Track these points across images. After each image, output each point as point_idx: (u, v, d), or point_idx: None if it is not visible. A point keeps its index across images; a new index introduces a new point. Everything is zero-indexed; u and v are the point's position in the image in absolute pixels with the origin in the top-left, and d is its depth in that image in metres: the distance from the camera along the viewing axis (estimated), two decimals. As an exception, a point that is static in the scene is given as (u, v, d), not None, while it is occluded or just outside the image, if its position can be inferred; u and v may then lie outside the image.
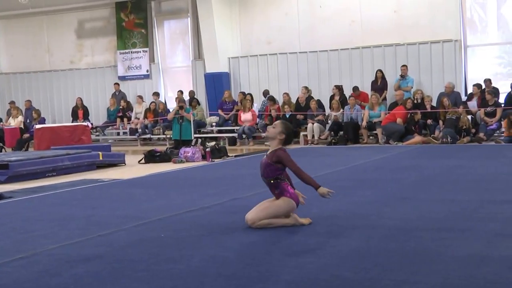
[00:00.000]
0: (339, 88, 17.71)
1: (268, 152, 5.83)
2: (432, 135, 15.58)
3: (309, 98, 17.78)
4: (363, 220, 5.95)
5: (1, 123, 20.15)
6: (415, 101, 16.23)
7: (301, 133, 17.40)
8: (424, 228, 5.48)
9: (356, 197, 7.42)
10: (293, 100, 18.10)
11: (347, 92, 17.82)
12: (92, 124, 19.81)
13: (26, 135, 18.24)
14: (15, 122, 19.64)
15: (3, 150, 17.60)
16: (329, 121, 17.05)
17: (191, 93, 19.83)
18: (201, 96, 20.15)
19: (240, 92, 19.13)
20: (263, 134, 17.68)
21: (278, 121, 5.96)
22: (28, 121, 20.08)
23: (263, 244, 5.13)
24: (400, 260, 4.42)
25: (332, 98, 17.63)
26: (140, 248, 5.15)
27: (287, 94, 18.02)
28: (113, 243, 5.42)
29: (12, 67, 23.47)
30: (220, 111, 18.95)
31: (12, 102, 21.08)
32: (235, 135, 18.19)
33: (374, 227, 5.58)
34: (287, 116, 17.44)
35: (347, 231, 5.50)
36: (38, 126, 17.04)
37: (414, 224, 5.66)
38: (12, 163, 11.27)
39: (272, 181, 5.77)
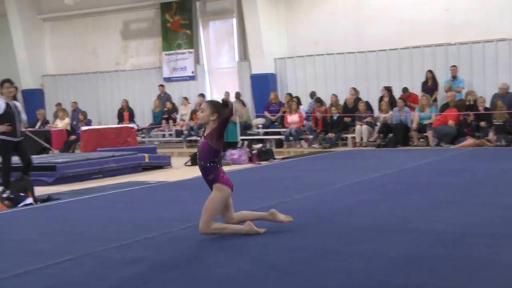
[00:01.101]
0: (388, 89, 17.34)
1: (204, 135, 5.65)
2: (486, 138, 15.05)
3: (357, 99, 17.46)
4: (413, 225, 5.85)
5: (48, 125, 20.27)
6: (468, 103, 15.76)
7: (349, 136, 17.12)
8: (476, 233, 5.33)
9: (406, 201, 7.28)
10: (341, 102, 17.75)
11: (396, 93, 17.43)
12: (137, 126, 19.84)
13: (72, 137, 18.30)
14: (62, 124, 19.74)
15: (50, 151, 17.67)
16: (378, 123, 16.74)
17: (237, 95, 19.64)
18: (247, 98, 19.93)
19: (287, 94, 18.88)
20: (310, 136, 17.44)
21: (204, 103, 5.78)
22: (74, 123, 20.16)
23: (309, 250, 5.04)
24: (452, 267, 4.31)
25: (381, 99, 17.25)
26: (186, 251, 5.17)
27: (335, 95, 17.68)
28: (160, 246, 5.45)
29: (59, 69, 23.63)
30: (266, 113, 18.72)
31: (58, 104, 21.21)
32: (282, 137, 17.95)
33: (424, 232, 5.47)
34: (335, 118, 17.14)
35: (396, 236, 5.39)
36: (84, 128, 17.10)
37: (465, 230, 5.51)
38: (59, 165, 11.44)
39: (208, 165, 5.57)
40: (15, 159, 9.80)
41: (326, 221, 6.28)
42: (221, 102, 5.77)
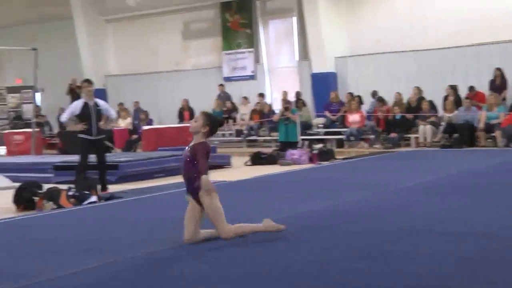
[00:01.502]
0: (454, 88, 16.88)
1: (190, 145, 5.56)
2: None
3: (421, 98, 17.07)
4: (474, 229, 5.68)
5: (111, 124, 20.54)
6: (539, 101, 15.23)
7: (412, 136, 16.76)
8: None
9: (466, 203, 7.12)
10: (403, 101, 17.40)
11: (462, 92, 16.94)
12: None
13: (134, 136, 18.48)
14: (124, 123, 19.97)
15: (112, 151, 17.88)
16: (443, 123, 16.32)
17: (298, 94, 19.47)
18: (307, 97, 19.74)
19: (348, 93, 18.62)
20: (371, 136, 17.17)
21: (199, 114, 5.67)
22: (136, 122, 20.36)
23: (367, 250, 4.98)
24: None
25: (445, 98, 16.80)
26: (246, 252, 5.15)
27: (399, 93, 17.33)
28: (217, 244, 5.44)
29: (121, 69, 23.96)
30: (326, 113, 18.50)
31: (121, 104, 21.45)
32: (343, 137, 17.72)
33: (489, 237, 5.26)
34: (397, 117, 16.79)
35: (454, 239, 5.26)
36: (145, 127, 17.24)
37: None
38: (122, 164, 11.57)
39: (195, 175, 5.47)
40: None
41: (385, 221, 6.21)
42: (218, 118, 5.81)
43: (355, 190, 8.55)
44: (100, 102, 10.37)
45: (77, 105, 10.14)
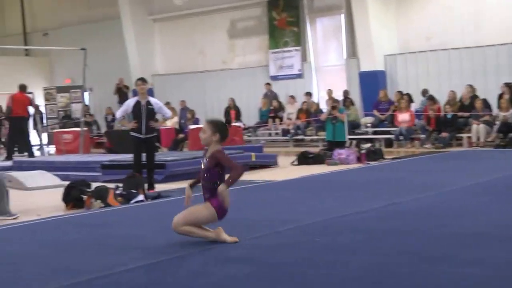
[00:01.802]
0: (509, 86, 16.38)
1: (207, 155, 5.53)
2: None
3: (474, 97, 16.64)
4: None
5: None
6: None
7: (465, 135, 16.38)
8: None
9: None
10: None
11: (518, 89, 16.44)
12: (244, 124, 19.84)
13: (181, 135, 18.51)
14: (171, 122, 19.99)
15: (159, 150, 17.93)
16: (497, 122, 15.87)
17: (345, 93, 19.20)
18: (355, 96, 19.47)
19: (397, 91, 18.29)
20: (422, 136, 16.83)
21: (205, 124, 5.61)
22: (182, 121, 20.40)
23: (420, 253, 4.89)
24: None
25: (500, 97, 16.32)
26: (294, 252, 5.13)
27: (453, 91, 16.93)
28: (267, 245, 5.47)
29: (167, 68, 24.06)
30: (375, 112, 18.22)
31: (167, 103, 21.48)
32: (392, 136, 17.47)
33: None
34: (449, 116, 16.42)
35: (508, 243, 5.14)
36: (192, 126, 17.25)
37: None
38: (168, 163, 11.56)
39: (214, 185, 5.45)
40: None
41: (437, 224, 6.04)
42: (223, 121, 5.71)
43: (407, 190, 8.37)
44: (153, 101, 10.44)
45: (130, 103, 10.29)
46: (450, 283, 4.06)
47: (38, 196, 10.38)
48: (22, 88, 16.30)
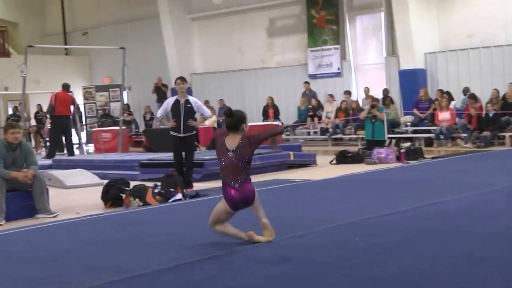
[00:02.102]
0: (553, 84, 16.00)
1: (235, 146, 5.43)
2: None
3: (517, 95, 16.28)
4: None
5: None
6: None
7: (507, 134, 16.05)
8: None
9: None
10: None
11: None
12: (282, 123, 19.78)
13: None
14: (209, 121, 20.00)
15: (198, 149, 17.96)
16: (541, 121, 15.48)
17: (385, 91, 18.97)
18: (395, 94, 19.24)
19: (438, 90, 18.02)
20: (463, 135, 16.54)
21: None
22: (221, 120, 20.40)
23: (462, 253, 4.84)
24: None
25: (545, 95, 15.95)
26: (333, 251, 5.14)
27: (496, 90, 16.58)
28: (306, 245, 5.45)
29: (206, 67, 24.10)
30: (415, 110, 17.97)
31: (206, 102, 21.55)
32: (432, 135, 17.23)
33: None
34: (491, 115, 16.10)
35: None
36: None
37: None
38: (207, 161, 11.51)
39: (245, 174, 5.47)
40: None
41: (478, 224, 5.95)
42: (238, 112, 5.65)
43: (447, 190, 8.24)
44: (192, 99, 10.49)
45: (169, 102, 10.36)
46: (494, 285, 3.97)
47: (77, 195, 10.48)
48: (66, 87, 16.47)
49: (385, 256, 4.86)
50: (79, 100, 22.80)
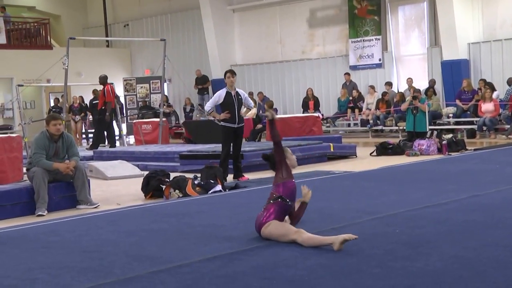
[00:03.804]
0: None
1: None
2: None
3: None
4: None
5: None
6: None
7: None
8: None
9: None
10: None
11: None
12: (322, 115, 19.71)
13: (259, 126, 18.49)
14: (249, 113, 20.03)
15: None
16: None
17: (432, 82, 18.66)
18: (437, 85, 18.95)
19: (481, 80, 17.69)
20: (507, 126, 16.20)
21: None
22: (261, 112, 20.38)
23: (506, 246, 4.78)
24: None
25: None
26: (374, 244, 5.10)
27: (542, 80, 16.22)
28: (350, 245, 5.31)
29: (246, 58, 24.08)
30: (457, 101, 17.68)
31: (250, 93, 21.53)
32: (475, 127, 16.95)
33: None
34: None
35: None
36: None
37: None
38: (247, 153, 11.50)
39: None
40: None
41: None
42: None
43: (490, 182, 8.13)
44: (240, 91, 10.62)
45: (221, 94, 10.39)
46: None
47: (118, 186, 10.56)
48: (106, 79, 16.81)
49: (427, 248, 4.82)
50: (120, 91, 23.06)
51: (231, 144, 10.41)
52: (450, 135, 14.79)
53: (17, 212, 8.03)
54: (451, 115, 17.88)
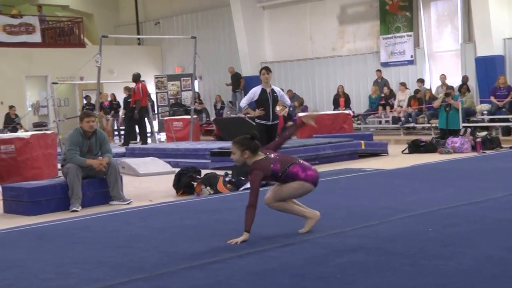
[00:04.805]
0: None
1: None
2: None
3: None
4: None
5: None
6: None
7: None
8: None
9: None
10: None
11: None
12: (353, 112, 19.65)
13: (289, 123, 18.47)
14: (279, 110, 20.02)
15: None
16: None
17: (465, 78, 18.44)
18: (471, 82, 18.75)
19: (515, 75, 17.44)
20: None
21: (231, 147, 5.40)
22: (291, 109, 20.36)
23: None
24: None
25: None
26: (406, 242, 5.09)
27: None
28: (378, 234, 5.42)
29: (276, 56, 24.10)
30: (492, 98, 17.43)
31: (289, 91, 21.55)
32: (510, 124, 16.73)
33: None
34: None
35: None
36: (300, 114, 17.15)
37: None
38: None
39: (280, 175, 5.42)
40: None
41: None
42: (247, 136, 5.49)
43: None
44: (276, 89, 10.67)
45: (256, 91, 10.45)
46: None
47: (150, 182, 10.67)
48: (138, 77, 17.00)
49: (460, 247, 4.81)
50: (151, 89, 23.22)
51: (265, 141, 10.45)
52: (484, 133, 14.64)
53: (51, 207, 8.17)
54: (485, 112, 17.61)
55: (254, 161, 5.40)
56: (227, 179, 9.01)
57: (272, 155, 5.46)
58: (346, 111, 18.18)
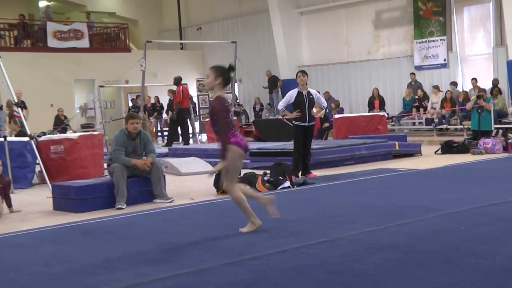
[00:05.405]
0: None
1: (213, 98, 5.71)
2: None
3: None
4: None
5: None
6: None
7: None
8: None
9: None
10: None
11: None
12: (388, 114, 19.86)
13: (326, 125, 18.88)
14: (315, 112, 20.43)
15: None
16: None
17: (495, 81, 18.70)
18: (503, 85, 18.93)
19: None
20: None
21: (209, 69, 5.69)
22: (327, 111, 20.77)
23: None
24: None
25: None
26: (439, 240, 5.07)
27: None
28: (412, 233, 5.41)
29: (313, 59, 24.46)
30: (523, 101, 17.67)
31: (326, 93, 21.81)
32: (541, 126, 16.77)
33: None
34: None
35: None
36: (336, 116, 17.61)
37: None
38: (314, 151, 11.65)
39: (216, 130, 5.64)
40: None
41: None
42: (225, 66, 5.80)
43: None
44: (312, 91, 10.86)
45: (293, 94, 10.64)
46: None
47: (192, 181, 10.65)
48: (180, 80, 17.64)
49: (493, 246, 4.79)
50: (193, 92, 23.83)
51: (302, 141, 10.55)
52: (516, 134, 14.83)
53: (98, 205, 8.25)
54: (517, 114, 17.86)
55: (217, 95, 5.71)
56: (265, 178, 9.18)
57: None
58: (381, 113, 18.33)
